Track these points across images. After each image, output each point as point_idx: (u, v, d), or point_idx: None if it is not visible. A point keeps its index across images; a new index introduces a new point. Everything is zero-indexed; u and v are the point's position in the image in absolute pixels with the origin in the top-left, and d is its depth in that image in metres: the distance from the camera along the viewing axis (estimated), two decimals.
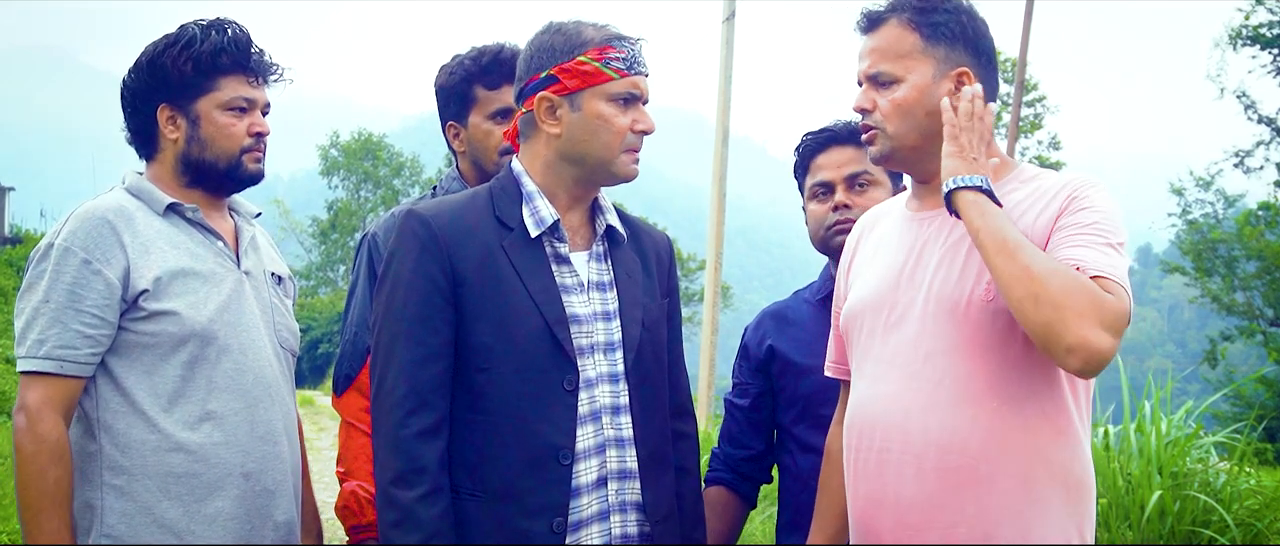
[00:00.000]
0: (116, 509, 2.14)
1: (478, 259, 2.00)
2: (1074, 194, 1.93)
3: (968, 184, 1.90)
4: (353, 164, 44.89)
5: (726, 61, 11.76)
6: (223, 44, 2.27)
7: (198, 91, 2.28)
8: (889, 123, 2.03)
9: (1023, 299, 1.76)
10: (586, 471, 2.02)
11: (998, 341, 1.91)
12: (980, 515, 1.91)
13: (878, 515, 2.00)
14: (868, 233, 2.25)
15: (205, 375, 2.19)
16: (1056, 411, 1.92)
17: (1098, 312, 1.74)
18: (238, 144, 2.30)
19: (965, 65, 2.03)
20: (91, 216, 2.17)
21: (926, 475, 1.93)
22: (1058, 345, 1.74)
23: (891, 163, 2.09)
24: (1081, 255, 1.82)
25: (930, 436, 1.93)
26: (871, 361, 2.05)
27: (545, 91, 2.04)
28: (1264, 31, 22.43)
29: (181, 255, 2.22)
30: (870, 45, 2.06)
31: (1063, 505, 1.92)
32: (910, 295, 2.01)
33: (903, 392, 1.97)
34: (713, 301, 11.81)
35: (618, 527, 2.05)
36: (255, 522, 2.23)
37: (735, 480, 2.70)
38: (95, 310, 2.12)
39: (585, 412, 2.03)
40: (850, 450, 2.08)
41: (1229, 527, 4.85)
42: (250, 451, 2.22)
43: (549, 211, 2.06)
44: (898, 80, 2.02)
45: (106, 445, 2.15)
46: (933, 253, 2.02)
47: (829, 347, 2.35)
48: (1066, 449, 1.93)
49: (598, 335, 2.07)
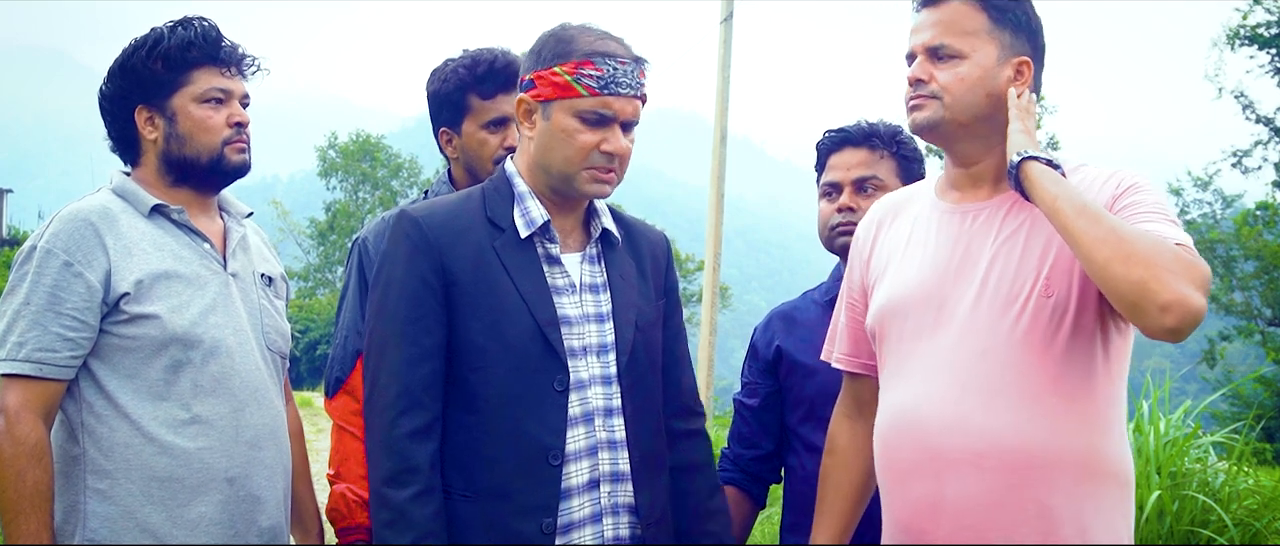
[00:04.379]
0: (99, 512, 2.13)
1: (470, 259, 2.00)
2: (1124, 179, 1.92)
3: (1039, 156, 1.88)
4: (351, 165, 44.90)
5: (725, 61, 11.77)
6: (191, 38, 2.26)
7: (171, 88, 2.26)
8: (948, 94, 1.98)
9: (1111, 259, 1.71)
10: (577, 473, 2.02)
11: (1054, 337, 1.88)
12: (1041, 514, 1.88)
13: (933, 518, 1.96)
14: (888, 223, 2.20)
15: (189, 379, 2.17)
16: (1106, 405, 1.92)
17: (1188, 271, 1.70)
18: (218, 136, 2.27)
19: (1026, 56, 2.01)
20: (74, 218, 2.16)
21: (987, 475, 1.89)
22: (1152, 303, 1.68)
23: (936, 135, 2.03)
24: (1153, 228, 1.80)
25: (991, 435, 1.89)
26: (916, 360, 2.00)
27: (525, 94, 2.05)
28: (1262, 31, 22.42)
29: (165, 257, 2.21)
30: (932, 18, 2.01)
31: (1117, 500, 1.92)
32: (960, 291, 1.97)
33: (958, 392, 1.92)
34: (711, 302, 11.81)
35: (610, 530, 2.04)
36: (238, 527, 2.21)
37: (745, 480, 2.70)
38: (75, 313, 2.11)
39: (577, 414, 2.02)
40: (893, 450, 2.02)
41: (1227, 527, 4.84)
42: (235, 456, 2.21)
43: (540, 212, 2.06)
44: (962, 56, 1.98)
45: (89, 448, 2.14)
46: (984, 248, 1.98)
47: (836, 337, 2.31)
48: (1116, 443, 1.93)
49: (590, 337, 2.07)
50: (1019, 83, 1.99)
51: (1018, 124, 1.94)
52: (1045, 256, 1.92)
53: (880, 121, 2.65)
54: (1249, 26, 22.64)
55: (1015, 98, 1.96)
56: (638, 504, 2.07)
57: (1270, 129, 23.66)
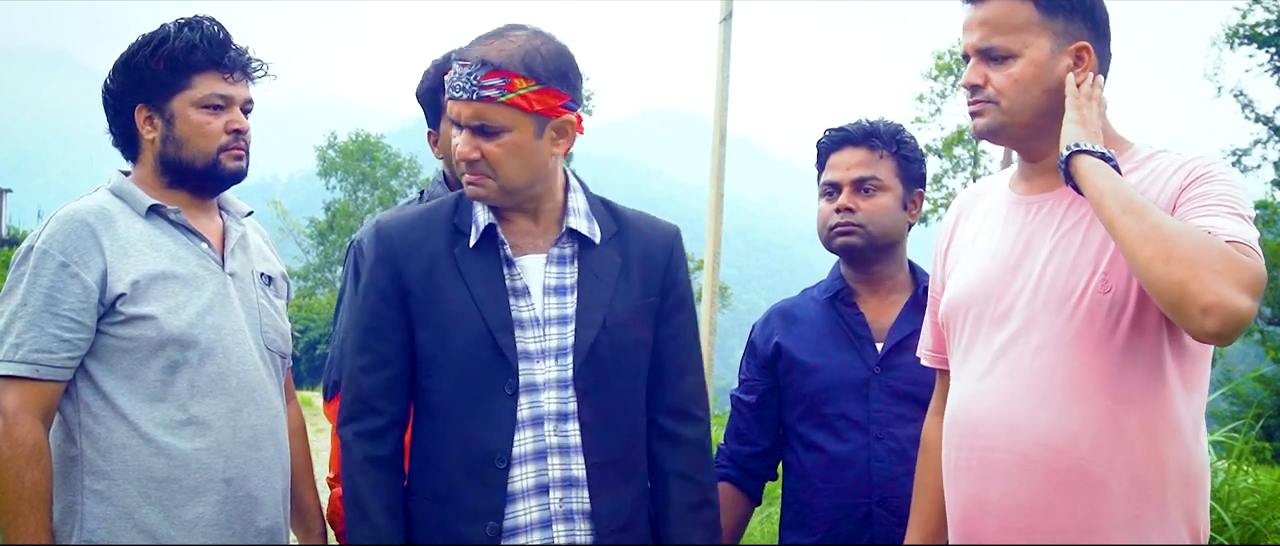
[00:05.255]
0: (96, 513, 2.12)
1: (422, 268, 2.05)
2: (1196, 168, 1.84)
3: (1090, 150, 1.81)
4: (350, 165, 44.88)
5: (724, 61, 11.76)
6: (196, 41, 2.25)
7: (172, 90, 2.25)
8: (1004, 98, 1.91)
9: (1153, 258, 1.64)
10: (522, 477, 2.01)
11: (1111, 335, 1.82)
12: (1091, 520, 1.82)
13: (980, 518, 1.92)
14: (966, 214, 2.16)
15: (186, 379, 2.17)
16: (1170, 407, 1.83)
17: (1234, 271, 1.62)
18: (214, 142, 2.27)
19: (1084, 39, 1.92)
20: (71, 219, 2.15)
21: (1033, 476, 1.84)
22: (1193, 305, 1.61)
23: (1000, 138, 1.98)
24: (1211, 223, 1.72)
25: (1038, 435, 1.84)
26: (975, 355, 1.96)
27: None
28: (1261, 30, 22.42)
29: (162, 258, 2.20)
30: (980, 16, 1.93)
31: (1179, 506, 1.84)
32: (1019, 285, 1.91)
33: (1009, 389, 1.88)
34: (711, 301, 11.80)
35: (562, 536, 2.01)
36: (236, 528, 2.21)
37: (741, 476, 2.69)
38: (72, 314, 2.11)
39: (525, 417, 2.01)
40: (950, 447, 1.99)
41: (1227, 526, 4.84)
42: (232, 457, 2.20)
43: (485, 216, 2.06)
44: (1014, 55, 1.90)
45: (87, 449, 2.13)
46: (1043, 241, 1.92)
47: (926, 334, 2.29)
48: (1181, 447, 1.83)
49: (550, 340, 2.05)
50: (1079, 69, 1.91)
51: (1073, 113, 1.86)
52: (1104, 250, 1.84)
53: (881, 121, 2.64)
54: (1248, 25, 22.63)
55: (1073, 86, 1.88)
56: (595, 510, 2.02)
57: (1269, 128, 23.65)
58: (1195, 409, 1.87)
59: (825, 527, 2.50)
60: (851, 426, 2.48)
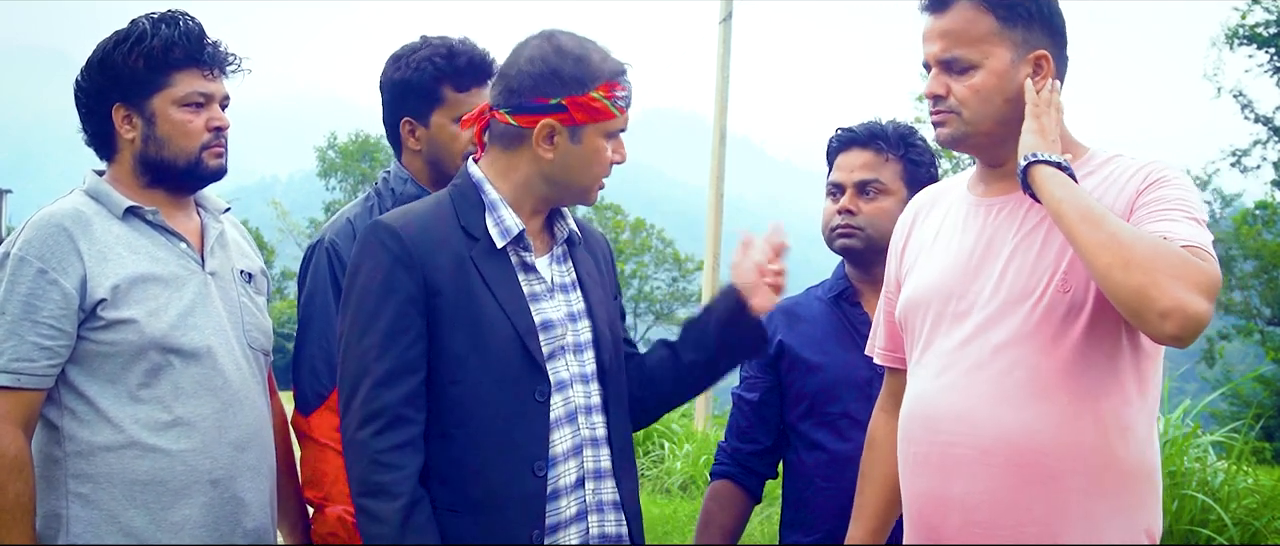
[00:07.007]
0: (82, 517, 2.10)
1: (450, 269, 1.98)
2: (1151, 172, 1.89)
3: (1048, 158, 1.85)
4: (350, 165, 44.89)
5: (724, 61, 11.77)
6: (175, 38, 2.21)
7: (152, 88, 2.22)
8: (966, 108, 1.95)
9: (1111, 265, 1.69)
10: (564, 474, 2.01)
11: (1069, 335, 1.86)
12: (1049, 514, 1.86)
13: (941, 513, 1.95)
14: (924, 215, 2.18)
15: (170, 381, 2.14)
16: (1123, 405, 1.88)
17: (1190, 276, 1.67)
18: (196, 141, 2.24)
19: (1043, 47, 1.96)
20: (47, 224, 2.12)
21: (994, 472, 1.88)
22: (1151, 310, 1.66)
23: (963, 147, 2.02)
24: (1167, 227, 1.77)
25: (999, 432, 1.87)
26: (934, 352, 1.99)
27: (550, 118, 1.99)
28: (1261, 31, 22.40)
29: (141, 260, 2.17)
30: (940, 27, 1.96)
31: (1133, 501, 1.89)
32: (980, 285, 1.95)
33: (970, 386, 1.91)
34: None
35: (595, 527, 2.04)
36: (223, 530, 2.19)
37: (742, 474, 2.69)
38: (52, 321, 2.07)
39: (560, 415, 2.01)
40: (909, 442, 2.02)
41: (1227, 526, 4.85)
42: (218, 458, 2.18)
43: (514, 221, 2.03)
44: (975, 66, 1.93)
45: (71, 453, 2.11)
46: (1005, 242, 1.96)
47: (877, 333, 2.30)
48: (1134, 445, 1.88)
49: (568, 337, 2.06)
50: (1038, 77, 1.95)
51: (1032, 122, 1.90)
52: (1063, 252, 1.88)
53: (891, 123, 2.62)
54: (1248, 26, 22.61)
55: (1033, 93, 1.92)
56: (621, 498, 2.08)
57: (1269, 128, 23.64)
58: (1148, 409, 1.92)
59: (826, 527, 2.49)
60: (854, 425, 2.47)
